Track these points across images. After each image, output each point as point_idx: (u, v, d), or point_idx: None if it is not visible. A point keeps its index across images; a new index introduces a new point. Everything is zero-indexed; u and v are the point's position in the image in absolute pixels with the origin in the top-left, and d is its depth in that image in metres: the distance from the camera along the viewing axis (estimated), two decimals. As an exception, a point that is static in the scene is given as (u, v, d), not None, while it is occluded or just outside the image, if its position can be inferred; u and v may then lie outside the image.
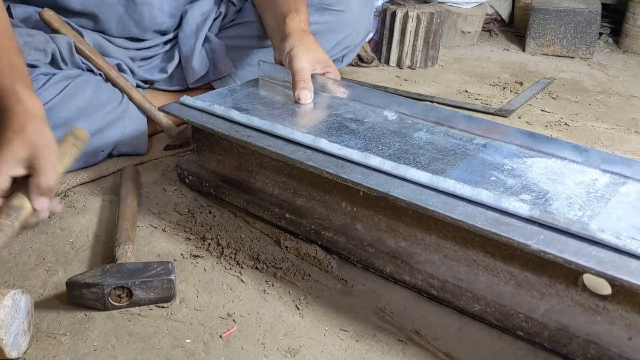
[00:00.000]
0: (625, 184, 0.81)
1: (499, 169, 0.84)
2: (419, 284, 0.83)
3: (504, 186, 0.79)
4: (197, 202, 1.07)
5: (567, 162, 0.86)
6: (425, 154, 0.88)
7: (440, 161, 0.86)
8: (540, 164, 0.86)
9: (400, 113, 1.03)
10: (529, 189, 0.78)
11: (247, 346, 0.75)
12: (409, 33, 1.89)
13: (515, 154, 0.89)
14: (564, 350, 0.73)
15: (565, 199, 0.76)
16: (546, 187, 0.79)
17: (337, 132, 0.94)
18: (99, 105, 1.16)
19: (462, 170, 0.83)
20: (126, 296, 0.80)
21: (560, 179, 0.81)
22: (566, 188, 0.79)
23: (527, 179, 0.81)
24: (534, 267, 0.75)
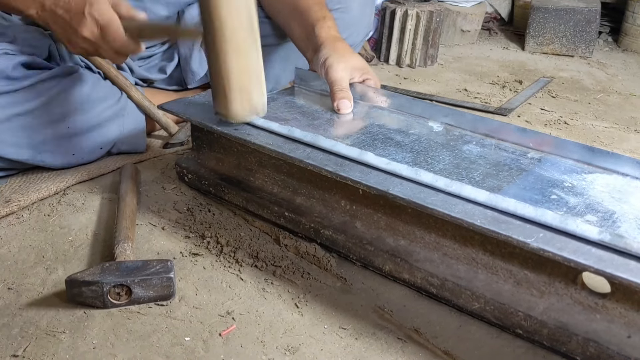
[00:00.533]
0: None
1: (559, 186, 0.79)
2: (418, 282, 0.83)
3: (567, 206, 0.75)
4: (196, 200, 1.07)
5: (629, 179, 0.82)
6: (478, 169, 0.83)
7: (495, 177, 0.81)
8: (602, 180, 0.81)
9: (446, 124, 0.99)
10: (593, 209, 0.74)
11: (246, 344, 0.75)
12: (409, 31, 1.89)
13: (573, 169, 0.84)
14: (563, 349, 0.73)
15: (634, 220, 0.72)
16: (611, 206, 0.75)
17: (382, 145, 0.91)
18: (96, 102, 1.16)
19: (520, 187, 0.79)
20: (125, 294, 0.80)
21: (624, 197, 0.77)
22: (633, 208, 0.74)
23: (590, 198, 0.77)
24: (533, 266, 0.75)
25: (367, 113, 1.05)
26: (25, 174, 1.12)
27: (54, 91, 1.11)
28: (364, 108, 1.08)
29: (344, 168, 0.83)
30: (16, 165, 1.11)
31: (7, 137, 1.05)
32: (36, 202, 1.05)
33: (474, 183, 0.79)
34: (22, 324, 0.78)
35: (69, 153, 1.13)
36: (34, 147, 1.09)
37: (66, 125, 1.12)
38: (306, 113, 1.04)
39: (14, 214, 1.01)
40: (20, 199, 1.03)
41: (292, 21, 1.23)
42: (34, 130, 1.08)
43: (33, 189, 1.07)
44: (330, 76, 1.06)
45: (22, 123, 1.07)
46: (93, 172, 1.14)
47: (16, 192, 1.06)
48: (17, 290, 0.84)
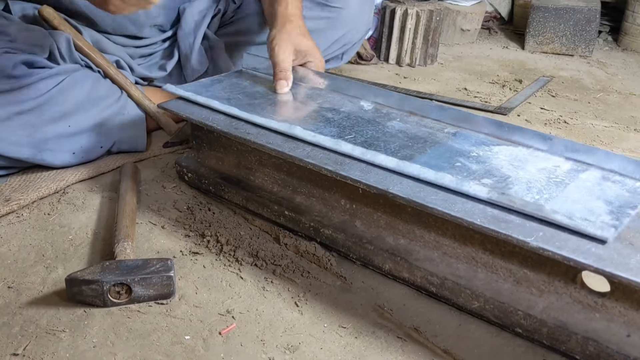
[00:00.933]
0: (587, 170, 0.82)
1: (465, 155, 0.86)
2: (418, 281, 0.84)
3: (468, 171, 0.81)
4: (196, 199, 1.07)
5: (532, 150, 0.88)
6: (395, 142, 0.89)
7: (410, 148, 0.87)
8: (506, 151, 0.87)
9: (377, 103, 1.04)
10: (491, 174, 0.80)
11: (246, 343, 0.76)
12: (409, 31, 1.89)
13: (483, 142, 0.90)
14: (562, 347, 0.73)
15: (525, 184, 0.78)
16: (508, 172, 0.81)
17: (313, 121, 0.96)
18: (97, 100, 1.16)
19: (430, 156, 0.85)
20: (125, 293, 0.80)
21: (522, 165, 0.83)
22: (527, 173, 0.81)
23: (491, 165, 0.83)
24: (533, 264, 0.75)
25: (305, 94, 1.09)
26: (25, 173, 1.12)
27: (54, 90, 1.11)
28: (303, 89, 1.11)
29: (343, 167, 0.83)
30: (16, 164, 1.11)
31: (8, 135, 1.05)
32: (36, 200, 1.05)
33: (389, 153, 0.84)
34: (22, 322, 0.78)
35: (70, 152, 1.13)
36: (34, 146, 1.09)
37: (66, 124, 1.12)
38: (248, 94, 1.08)
39: (14, 213, 1.02)
40: (21, 198, 1.03)
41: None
42: (35, 129, 1.08)
43: (33, 187, 1.07)
44: (273, 57, 1.09)
45: (23, 121, 1.07)
46: (93, 171, 1.14)
47: (16, 190, 1.06)
48: (17, 289, 0.84)
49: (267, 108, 1.02)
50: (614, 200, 0.74)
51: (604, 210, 0.72)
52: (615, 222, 0.69)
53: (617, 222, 0.69)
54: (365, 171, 0.81)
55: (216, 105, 0.99)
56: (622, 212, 0.71)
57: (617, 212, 0.71)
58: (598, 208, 0.72)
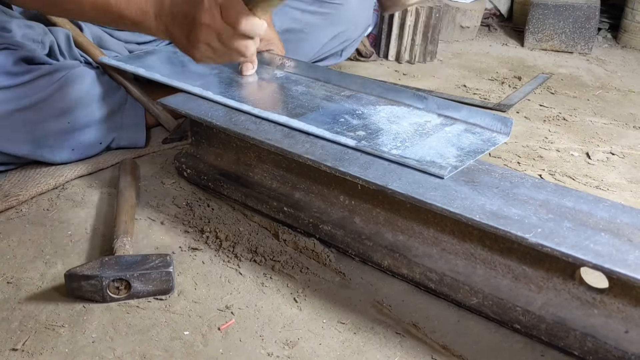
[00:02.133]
0: (453, 124, 0.93)
1: (350, 113, 0.97)
2: (417, 278, 0.84)
3: (347, 125, 0.92)
4: (195, 195, 1.07)
5: (411, 109, 0.99)
6: (294, 102, 1.00)
7: (305, 107, 0.98)
8: (388, 110, 0.98)
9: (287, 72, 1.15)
10: (367, 128, 0.91)
11: (245, 338, 0.76)
12: (408, 27, 1.89)
13: (370, 102, 1.01)
14: (560, 344, 0.73)
15: (393, 135, 0.89)
16: (383, 126, 0.92)
17: (226, 86, 1.07)
18: (96, 97, 1.16)
19: (320, 114, 0.96)
20: (124, 288, 0.80)
21: (398, 120, 0.94)
22: (399, 127, 0.92)
23: (370, 120, 0.94)
24: (532, 261, 0.75)
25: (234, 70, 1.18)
26: (24, 169, 1.12)
27: (54, 86, 1.11)
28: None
29: (343, 163, 0.83)
30: (16, 160, 1.11)
31: (7, 131, 1.05)
32: (35, 196, 1.05)
33: (287, 111, 0.96)
34: (22, 317, 0.78)
35: (69, 148, 1.13)
36: (33, 142, 1.09)
37: (66, 120, 1.12)
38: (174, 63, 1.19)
39: (13, 209, 1.02)
40: (20, 194, 1.03)
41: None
42: (34, 125, 1.08)
43: (32, 183, 1.07)
44: None
45: (22, 118, 1.07)
46: (92, 167, 1.14)
47: (15, 186, 1.06)
48: (16, 284, 0.84)
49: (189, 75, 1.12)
50: (466, 147, 0.86)
51: (453, 154, 0.84)
52: (459, 163, 0.81)
53: (460, 163, 0.81)
54: (364, 167, 0.82)
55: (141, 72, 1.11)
56: (469, 155, 0.83)
57: (464, 156, 0.83)
58: (449, 153, 0.84)
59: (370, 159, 0.84)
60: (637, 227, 0.70)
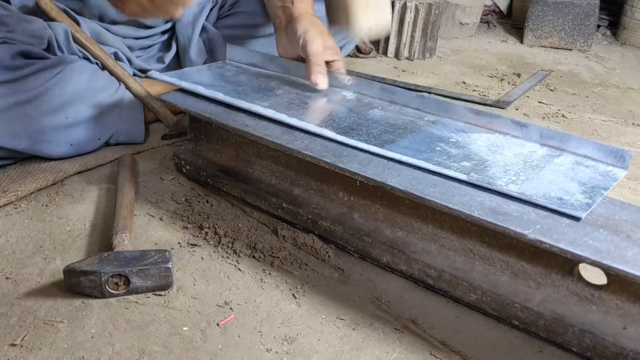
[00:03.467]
0: (560, 155, 0.85)
1: (445, 141, 0.89)
2: (416, 274, 0.84)
3: (447, 155, 0.84)
4: (194, 191, 1.07)
5: (508, 137, 0.91)
6: (378, 127, 0.92)
7: (391, 133, 0.90)
8: (484, 137, 0.90)
9: (359, 93, 1.06)
10: (469, 158, 0.83)
11: (244, 334, 0.76)
12: (407, 24, 1.89)
13: (462, 129, 0.93)
14: (559, 340, 0.73)
15: (502, 167, 0.81)
16: (486, 156, 0.84)
17: (297, 107, 0.99)
18: (94, 92, 1.16)
19: (411, 141, 0.88)
20: (123, 284, 0.80)
21: (499, 150, 0.86)
22: (505, 158, 0.84)
23: (470, 150, 0.86)
24: (530, 257, 0.75)
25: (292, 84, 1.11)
26: (23, 164, 1.12)
27: (52, 81, 1.11)
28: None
29: (342, 159, 0.83)
30: (14, 155, 1.11)
31: (5, 126, 1.05)
32: (34, 192, 1.05)
33: (371, 137, 0.88)
34: (20, 313, 0.78)
35: (67, 143, 1.13)
36: (31, 137, 1.09)
37: (64, 115, 1.12)
38: (233, 82, 1.09)
39: (12, 204, 1.01)
40: (18, 189, 1.03)
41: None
42: (32, 120, 1.08)
43: (31, 179, 1.07)
44: (309, 49, 1.06)
45: (20, 112, 1.07)
46: (91, 163, 1.14)
47: (14, 182, 1.06)
48: (15, 279, 0.84)
49: (252, 95, 1.02)
50: (586, 182, 0.78)
51: (577, 190, 0.75)
52: (589, 200, 0.73)
53: (591, 200, 0.72)
54: (363, 163, 0.82)
55: (201, 91, 1.01)
56: (595, 192, 0.75)
57: (589, 191, 0.75)
58: (572, 188, 0.76)
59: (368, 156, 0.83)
60: (635, 224, 0.70)
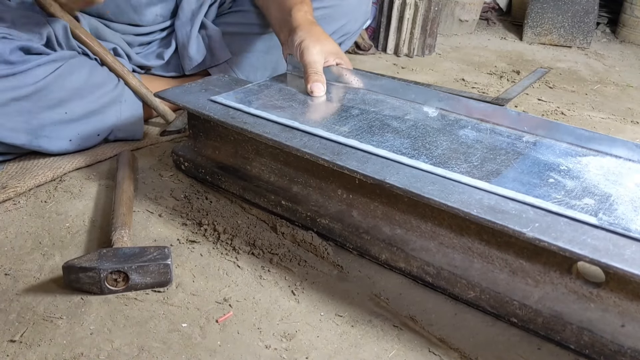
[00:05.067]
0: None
1: (555, 169, 0.81)
2: (415, 271, 0.84)
3: (564, 189, 0.76)
4: (193, 187, 1.07)
5: (622, 161, 0.84)
6: (476, 154, 0.84)
7: (493, 161, 0.82)
8: (596, 163, 0.83)
9: (441, 109, 1.00)
10: (590, 192, 0.75)
11: (243, 331, 0.76)
12: (407, 21, 1.89)
13: (568, 152, 0.86)
14: (557, 337, 0.74)
15: (629, 203, 0.73)
16: (607, 189, 0.76)
17: (380, 131, 0.91)
18: (94, 88, 1.16)
19: (518, 171, 0.80)
20: (122, 280, 0.80)
21: (619, 179, 0.78)
22: (628, 190, 0.76)
23: (586, 181, 0.78)
24: (529, 255, 0.75)
25: (352, 97, 1.06)
26: (21, 160, 1.12)
27: (51, 77, 1.10)
28: (345, 90, 1.10)
29: (340, 157, 0.83)
30: (13, 150, 1.10)
31: (4, 121, 1.05)
32: (33, 188, 1.05)
33: (472, 167, 0.80)
34: (19, 309, 0.78)
35: (66, 139, 1.13)
36: (31, 132, 1.09)
37: (63, 110, 1.12)
38: (298, 100, 1.04)
39: (11, 200, 1.01)
40: (17, 185, 1.03)
41: (271, 4, 1.25)
42: (31, 115, 1.08)
43: (30, 175, 1.07)
44: (305, 58, 1.07)
45: (19, 108, 1.07)
46: (90, 159, 1.14)
47: (13, 178, 1.06)
48: (14, 276, 0.84)
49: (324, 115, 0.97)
50: None
51: None
52: None
53: None
54: (362, 161, 0.82)
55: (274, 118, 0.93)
56: None
57: None
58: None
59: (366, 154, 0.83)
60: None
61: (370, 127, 0.92)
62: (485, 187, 0.75)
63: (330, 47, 1.11)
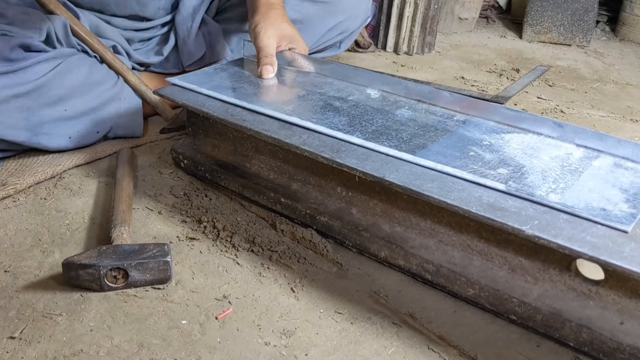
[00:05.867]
0: (598, 157, 0.83)
1: (478, 144, 0.87)
2: (414, 269, 0.84)
3: (482, 161, 0.81)
4: (193, 185, 1.07)
5: (543, 137, 0.89)
6: (407, 130, 0.90)
7: (422, 137, 0.88)
8: (518, 139, 0.88)
9: (383, 90, 1.05)
10: (505, 164, 0.81)
11: (242, 328, 0.76)
12: (406, 19, 1.89)
13: (494, 129, 0.91)
14: (556, 335, 0.74)
15: (540, 173, 0.79)
16: (522, 161, 0.82)
17: (322, 110, 0.97)
18: (93, 85, 1.16)
19: (443, 145, 0.86)
20: (122, 277, 0.80)
21: (536, 153, 0.84)
22: (541, 162, 0.82)
23: (505, 154, 0.84)
24: (528, 252, 0.75)
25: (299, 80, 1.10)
26: (21, 157, 1.12)
27: (51, 74, 1.10)
28: (293, 74, 1.13)
29: (340, 155, 0.83)
30: (13, 147, 1.10)
31: (4, 118, 1.05)
32: (32, 185, 1.05)
33: (401, 142, 0.86)
34: (19, 306, 0.78)
35: (66, 136, 1.13)
36: (30, 129, 1.09)
37: (62, 107, 1.12)
38: (252, 82, 1.08)
39: (11, 197, 1.01)
40: (17, 182, 1.03)
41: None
42: (31, 112, 1.08)
43: (29, 172, 1.07)
44: (257, 43, 1.09)
45: (19, 105, 1.07)
46: (89, 156, 1.14)
47: (12, 175, 1.06)
48: (13, 272, 0.84)
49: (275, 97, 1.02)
50: (628, 188, 0.75)
51: (621, 198, 0.72)
52: (633, 210, 0.70)
53: (635, 210, 0.70)
54: (361, 159, 0.82)
55: (222, 97, 0.99)
56: (638, 199, 0.72)
57: (632, 199, 0.72)
58: (614, 196, 0.73)
59: (366, 151, 0.83)
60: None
61: (313, 107, 0.98)
62: (409, 158, 0.81)
63: (284, 31, 1.13)
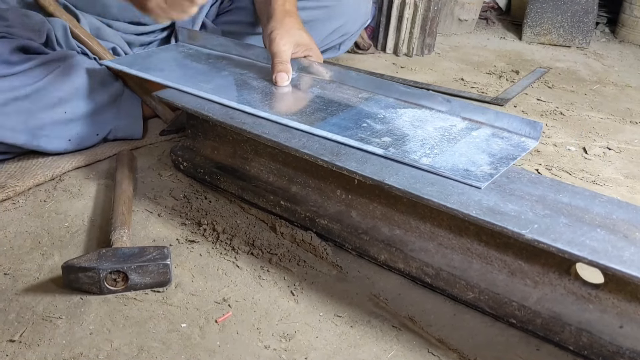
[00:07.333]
0: (479, 128, 0.91)
1: (372, 117, 0.95)
2: (414, 272, 0.84)
3: (372, 130, 0.89)
4: (192, 187, 1.07)
5: (433, 112, 0.97)
6: (312, 106, 0.98)
7: (324, 111, 0.96)
8: (410, 113, 0.96)
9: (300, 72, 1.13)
10: (392, 133, 0.89)
11: (242, 331, 0.76)
12: (406, 20, 1.89)
13: (391, 105, 0.99)
14: (556, 338, 0.74)
15: (420, 141, 0.87)
16: (408, 131, 0.90)
17: (239, 89, 1.04)
18: (93, 88, 1.16)
19: (340, 118, 0.94)
20: (122, 280, 0.80)
21: (422, 125, 0.92)
22: (425, 132, 0.90)
23: (393, 125, 0.92)
24: (528, 256, 0.75)
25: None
26: (21, 160, 1.12)
27: (51, 76, 1.10)
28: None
29: (340, 158, 0.83)
30: (12, 150, 1.10)
31: (4, 120, 1.05)
32: (32, 187, 1.05)
33: (304, 115, 0.94)
34: (19, 309, 0.78)
35: (65, 138, 1.13)
36: (30, 132, 1.08)
37: (62, 110, 1.11)
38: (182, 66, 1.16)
39: (10, 200, 1.01)
40: (16, 185, 1.03)
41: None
42: (31, 115, 1.08)
43: (29, 174, 1.07)
44: (273, 48, 1.09)
45: (19, 107, 1.07)
46: (89, 158, 1.14)
47: (12, 177, 1.06)
48: (13, 275, 0.84)
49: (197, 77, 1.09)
50: (497, 153, 0.84)
51: (485, 161, 0.82)
52: (493, 171, 0.79)
53: (495, 171, 0.79)
54: (361, 162, 0.82)
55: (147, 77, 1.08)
56: (502, 162, 0.81)
57: (496, 162, 0.81)
58: (480, 160, 0.82)
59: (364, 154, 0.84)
60: (633, 223, 0.70)
61: (231, 85, 1.06)
62: (305, 128, 0.90)
63: (299, 39, 1.13)
